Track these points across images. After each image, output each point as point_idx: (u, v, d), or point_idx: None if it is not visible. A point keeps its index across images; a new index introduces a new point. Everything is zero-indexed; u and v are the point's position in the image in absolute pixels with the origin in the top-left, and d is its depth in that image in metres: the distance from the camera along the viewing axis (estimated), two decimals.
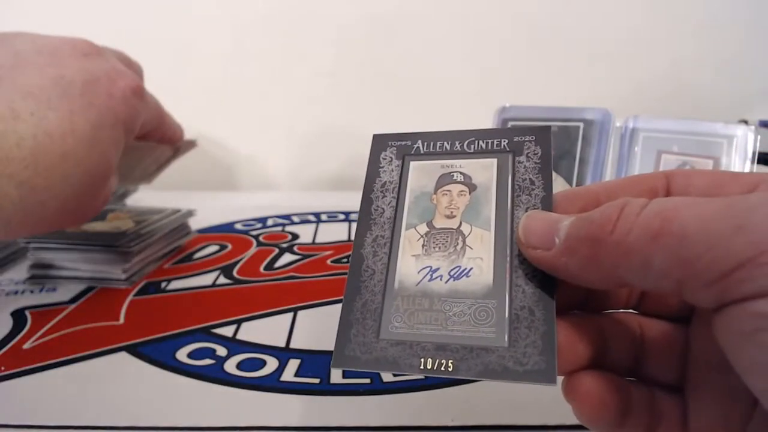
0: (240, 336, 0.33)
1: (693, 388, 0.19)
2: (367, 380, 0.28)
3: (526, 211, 0.20)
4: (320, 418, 0.26)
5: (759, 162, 0.39)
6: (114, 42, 0.71)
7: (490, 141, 0.22)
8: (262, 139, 0.79)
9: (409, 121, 0.77)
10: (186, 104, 0.76)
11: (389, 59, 0.75)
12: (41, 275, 0.41)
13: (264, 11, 0.73)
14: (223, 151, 0.80)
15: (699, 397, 0.18)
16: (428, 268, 0.20)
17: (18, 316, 0.36)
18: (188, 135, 0.82)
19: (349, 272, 0.20)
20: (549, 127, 0.22)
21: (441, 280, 0.19)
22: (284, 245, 0.50)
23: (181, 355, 0.31)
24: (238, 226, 0.56)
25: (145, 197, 0.60)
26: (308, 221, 0.58)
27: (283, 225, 0.57)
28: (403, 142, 0.23)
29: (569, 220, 0.17)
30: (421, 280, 0.19)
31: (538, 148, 0.21)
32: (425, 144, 0.23)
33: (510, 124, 0.46)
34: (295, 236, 0.53)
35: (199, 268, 0.44)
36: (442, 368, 0.17)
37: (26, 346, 0.32)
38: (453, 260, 0.20)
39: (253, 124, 0.79)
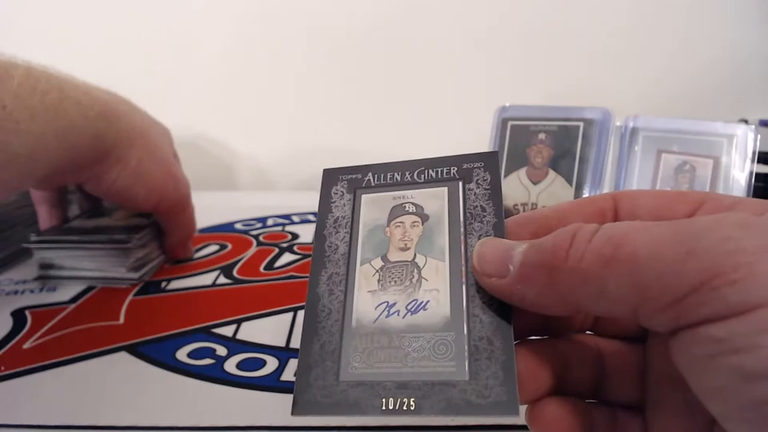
0: (240, 336, 0.33)
1: (653, 406, 0.19)
2: None
3: (479, 238, 0.20)
4: (320, 418, 0.26)
5: (759, 161, 0.39)
6: (115, 42, 0.71)
7: (439, 170, 0.22)
8: (262, 139, 0.79)
9: (409, 120, 0.77)
10: (186, 104, 0.76)
11: (389, 59, 0.75)
12: (49, 275, 0.41)
13: (265, 12, 0.73)
14: (223, 151, 0.80)
15: (659, 415, 0.18)
16: (385, 304, 0.19)
17: (18, 316, 0.36)
18: (189, 135, 0.82)
19: (305, 313, 0.20)
20: (496, 152, 0.22)
21: (398, 315, 0.19)
22: (284, 245, 0.50)
23: (181, 354, 0.31)
24: (238, 226, 0.56)
25: None
26: (308, 221, 0.58)
27: (283, 225, 0.57)
28: (354, 176, 0.23)
29: (522, 247, 0.17)
30: (378, 317, 0.19)
31: (487, 174, 0.21)
32: (376, 176, 0.23)
33: (510, 124, 0.46)
34: (295, 236, 0.53)
35: (199, 268, 0.44)
36: (404, 407, 0.17)
37: (26, 346, 0.32)
38: (409, 294, 0.19)
39: (253, 124, 0.79)
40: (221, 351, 0.32)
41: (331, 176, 0.23)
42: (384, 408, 0.17)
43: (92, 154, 0.36)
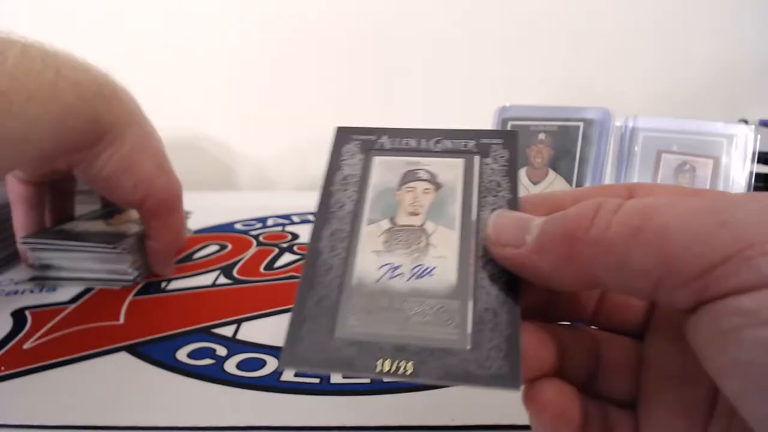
0: (240, 336, 0.33)
1: (645, 402, 0.18)
2: (367, 380, 0.28)
3: (492, 211, 0.19)
4: (320, 418, 0.26)
5: (759, 161, 0.39)
6: (114, 42, 0.71)
7: (457, 141, 0.22)
8: (262, 139, 0.79)
9: (409, 120, 0.76)
10: (187, 104, 0.76)
11: (389, 60, 0.75)
12: (44, 276, 0.41)
13: (266, 12, 0.73)
14: (223, 151, 0.80)
15: (651, 412, 0.18)
16: (389, 265, 0.19)
17: (18, 316, 0.36)
18: (190, 135, 0.82)
19: (303, 266, 0.19)
20: (516, 132, 0.22)
21: (402, 278, 0.18)
22: (284, 245, 0.50)
23: (181, 355, 0.31)
24: (238, 226, 0.56)
25: None
26: (308, 221, 0.58)
27: (283, 225, 0.57)
28: (368, 137, 0.22)
29: (541, 219, 0.17)
30: (381, 277, 0.19)
31: (505, 152, 0.21)
32: (390, 140, 0.22)
33: (510, 124, 0.46)
34: (295, 236, 0.53)
35: (199, 268, 0.44)
36: (401, 371, 0.16)
37: (26, 346, 0.32)
38: (416, 258, 0.19)
39: (253, 124, 0.79)
40: (221, 351, 0.32)
41: (343, 134, 0.23)
42: (379, 369, 0.16)
43: (88, 136, 0.35)
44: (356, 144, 0.22)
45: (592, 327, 0.21)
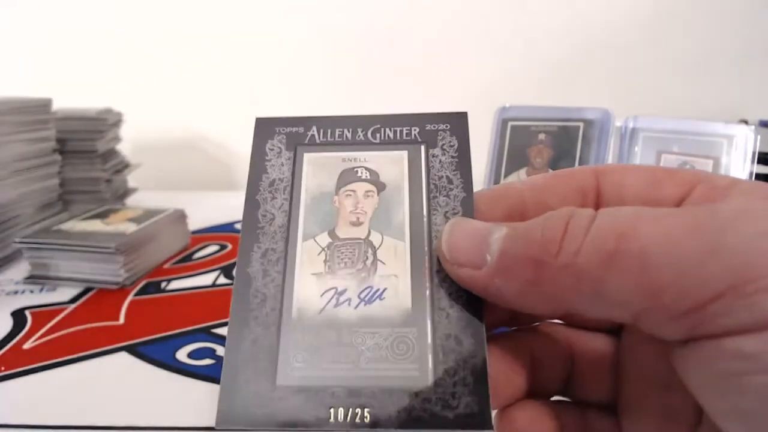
0: None
1: (627, 406, 0.17)
2: None
3: (445, 216, 0.17)
4: None
5: (759, 162, 0.39)
6: (115, 42, 0.71)
7: (398, 129, 0.19)
8: None
9: None
10: (187, 104, 0.76)
11: (390, 60, 0.75)
12: (39, 275, 0.41)
13: (264, 12, 0.73)
14: (223, 151, 0.80)
15: (633, 417, 0.16)
16: (333, 290, 0.16)
17: (18, 316, 0.36)
18: (189, 135, 0.82)
19: (233, 298, 0.16)
20: (465, 113, 0.19)
21: (350, 305, 0.16)
22: None
23: (181, 355, 0.31)
24: (238, 226, 0.56)
25: (145, 198, 0.60)
26: None
27: None
28: (294, 129, 0.19)
29: (501, 232, 0.14)
30: (325, 306, 0.16)
31: (454, 139, 0.18)
32: (321, 131, 0.19)
33: (510, 124, 0.46)
34: None
35: (199, 268, 0.44)
36: (357, 419, 0.14)
37: (26, 346, 0.32)
38: (363, 279, 0.16)
39: (253, 124, 0.79)
40: (221, 351, 0.32)
41: (265, 127, 0.20)
42: (332, 420, 0.14)
43: None
44: (281, 138, 0.19)
45: (564, 325, 0.19)
